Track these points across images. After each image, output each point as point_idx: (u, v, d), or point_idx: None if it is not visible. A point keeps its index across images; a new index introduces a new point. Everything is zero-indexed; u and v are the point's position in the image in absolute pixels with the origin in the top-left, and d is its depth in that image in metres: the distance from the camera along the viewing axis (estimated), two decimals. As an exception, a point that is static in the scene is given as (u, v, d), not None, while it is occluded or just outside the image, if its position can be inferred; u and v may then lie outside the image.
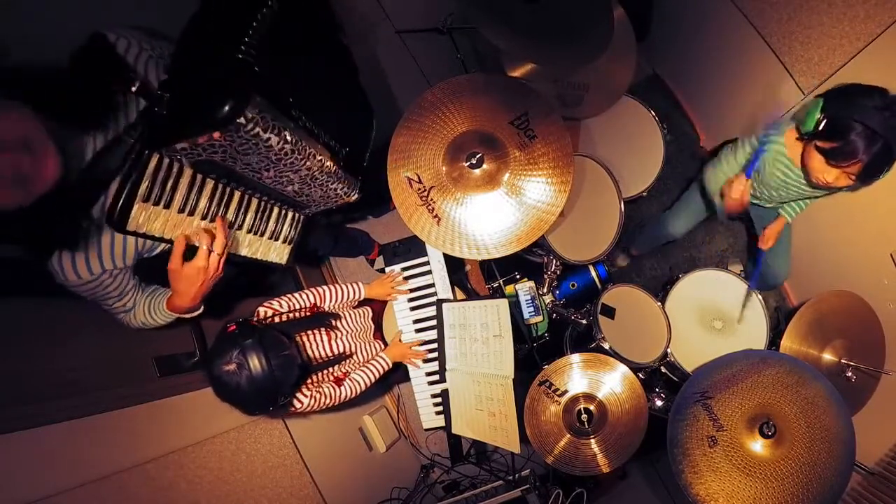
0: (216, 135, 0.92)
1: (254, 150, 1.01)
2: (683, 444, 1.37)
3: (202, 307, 1.22)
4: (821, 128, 1.31)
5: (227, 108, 0.90)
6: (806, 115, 1.37)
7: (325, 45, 1.30)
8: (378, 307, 1.77)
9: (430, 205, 1.35)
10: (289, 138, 1.03)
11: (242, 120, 0.91)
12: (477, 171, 1.32)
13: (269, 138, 0.98)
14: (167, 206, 1.07)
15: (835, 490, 1.25)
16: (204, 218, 1.15)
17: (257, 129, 0.95)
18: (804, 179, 1.54)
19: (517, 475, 1.97)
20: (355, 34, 2.08)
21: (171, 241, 1.09)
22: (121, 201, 0.99)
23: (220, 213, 1.18)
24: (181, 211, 1.10)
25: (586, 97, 1.99)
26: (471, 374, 1.50)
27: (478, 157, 1.31)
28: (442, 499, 2.13)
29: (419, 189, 1.35)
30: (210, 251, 1.08)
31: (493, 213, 1.32)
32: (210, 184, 1.15)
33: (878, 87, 1.29)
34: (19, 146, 0.78)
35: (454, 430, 1.56)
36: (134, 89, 0.99)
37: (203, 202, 1.14)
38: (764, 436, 1.30)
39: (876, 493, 1.64)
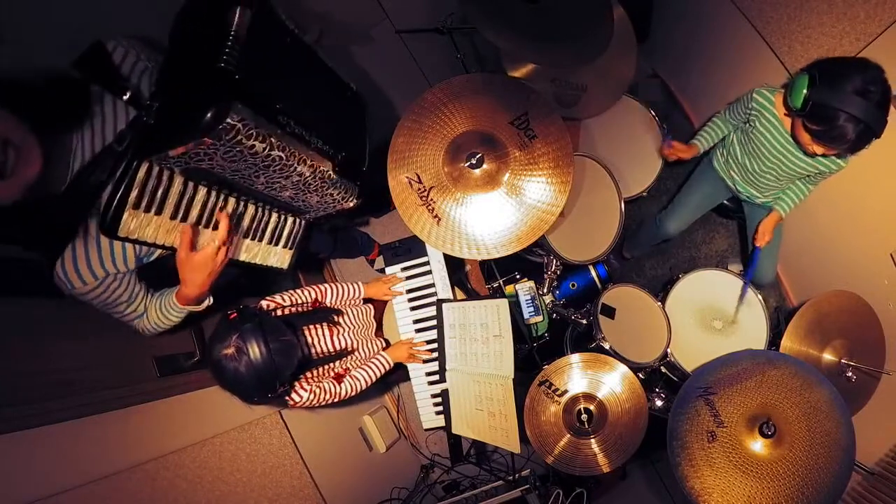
0: (203, 142, 0.92)
1: (240, 158, 1.01)
2: (683, 437, 1.37)
3: (212, 298, 1.24)
4: (807, 111, 1.41)
5: (208, 116, 0.90)
6: (793, 90, 1.45)
7: (310, 52, 1.28)
8: (380, 305, 1.77)
9: (430, 205, 1.35)
10: (275, 144, 1.03)
11: (225, 126, 0.91)
12: (477, 171, 1.32)
13: (253, 145, 0.98)
14: (158, 213, 1.07)
15: (831, 495, 1.25)
16: (198, 224, 1.15)
17: (240, 137, 0.95)
18: (797, 148, 1.62)
19: (517, 475, 1.97)
20: (356, 34, 2.08)
21: (163, 247, 1.10)
22: (111, 210, 0.99)
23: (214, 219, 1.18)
24: (173, 217, 1.10)
25: (585, 97, 2.00)
26: (471, 374, 1.50)
27: (478, 157, 1.31)
28: (442, 499, 2.13)
29: (419, 189, 1.35)
30: (219, 244, 1.11)
31: (493, 213, 1.32)
32: (202, 190, 1.14)
33: (856, 61, 1.38)
34: None
35: (454, 430, 1.56)
36: (125, 98, 1.01)
37: (196, 210, 1.14)
38: (763, 435, 1.30)
39: (876, 493, 1.64)
